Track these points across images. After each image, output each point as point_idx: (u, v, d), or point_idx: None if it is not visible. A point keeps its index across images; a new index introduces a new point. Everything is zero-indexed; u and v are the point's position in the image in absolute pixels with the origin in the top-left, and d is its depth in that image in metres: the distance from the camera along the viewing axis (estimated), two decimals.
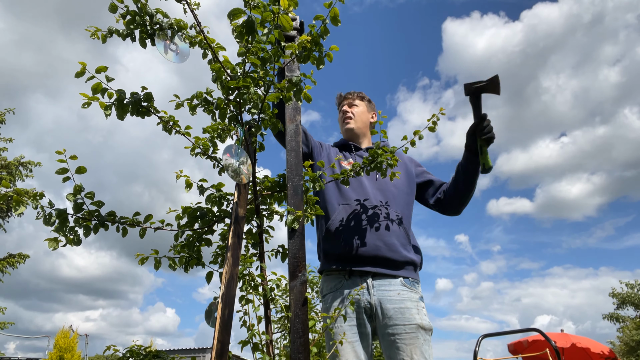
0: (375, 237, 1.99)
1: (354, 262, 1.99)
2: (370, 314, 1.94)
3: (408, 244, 2.04)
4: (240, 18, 1.79)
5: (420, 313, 1.88)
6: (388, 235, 2.00)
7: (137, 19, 1.84)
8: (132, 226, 2.12)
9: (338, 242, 2.04)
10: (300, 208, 2.26)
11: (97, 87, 1.85)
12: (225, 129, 2.30)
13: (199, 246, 2.37)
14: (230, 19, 1.81)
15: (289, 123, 2.34)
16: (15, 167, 11.90)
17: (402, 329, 1.84)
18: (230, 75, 1.99)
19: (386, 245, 1.98)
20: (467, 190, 2.15)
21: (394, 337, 1.85)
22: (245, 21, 1.76)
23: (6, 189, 1.57)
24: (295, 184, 2.46)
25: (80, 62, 1.74)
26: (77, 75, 1.76)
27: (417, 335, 1.82)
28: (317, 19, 1.81)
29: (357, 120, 2.35)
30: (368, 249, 1.97)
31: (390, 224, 2.04)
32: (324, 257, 2.16)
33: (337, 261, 2.05)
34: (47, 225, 1.79)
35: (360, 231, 2.01)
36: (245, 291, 2.47)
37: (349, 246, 1.99)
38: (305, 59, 1.87)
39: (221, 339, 1.94)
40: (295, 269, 2.49)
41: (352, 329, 1.93)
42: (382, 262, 1.97)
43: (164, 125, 2.20)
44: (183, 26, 1.97)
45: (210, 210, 2.40)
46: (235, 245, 2.05)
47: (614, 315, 15.69)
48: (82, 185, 1.86)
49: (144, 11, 1.85)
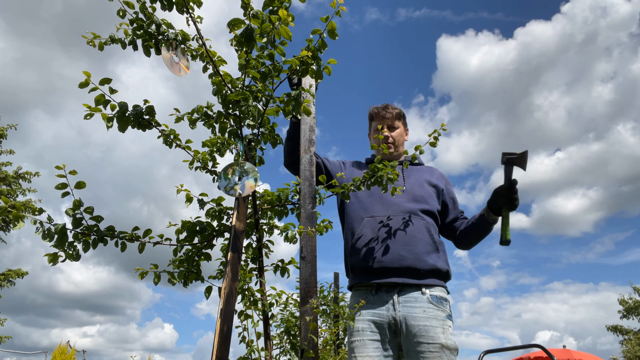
0: (400, 247, 1.97)
1: (379, 274, 1.97)
2: (394, 329, 1.91)
3: (434, 251, 2.00)
4: (240, 29, 1.81)
5: (445, 332, 1.82)
6: (414, 245, 1.97)
7: (145, 26, 1.85)
8: (131, 241, 2.11)
9: (363, 255, 2.02)
10: (313, 235, 2.26)
11: (100, 99, 1.85)
12: (225, 143, 2.31)
13: (198, 261, 2.35)
14: (229, 29, 1.82)
15: (304, 154, 2.35)
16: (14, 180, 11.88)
17: (426, 348, 1.80)
18: (230, 88, 2.00)
19: (412, 255, 1.95)
20: (476, 241, 2.21)
21: (418, 355, 1.82)
22: (245, 30, 1.77)
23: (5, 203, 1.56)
24: (308, 212, 2.46)
25: (84, 72, 1.74)
26: (80, 86, 1.76)
27: (442, 355, 1.78)
28: (314, 33, 1.83)
29: (397, 145, 2.33)
30: (393, 260, 1.95)
31: (416, 233, 2.01)
32: (351, 272, 2.14)
33: (362, 275, 2.03)
34: (45, 241, 1.78)
35: (385, 243, 1.99)
36: (245, 306, 2.45)
37: (374, 258, 1.97)
38: (304, 73, 1.88)
39: (220, 355, 1.91)
40: (306, 294, 2.48)
41: (374, 344, 1.91)
42: (407, 272, 1.94)
43: (164, 138, 2.20)
44: (187, 38, 1.98)
45: (209, 224, 2.39)
46: (234, 259, 2.04)
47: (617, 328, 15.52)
48: (82, 200, 1.85)
49: (151, 19, 1.86)
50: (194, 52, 2.04)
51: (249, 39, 1.75)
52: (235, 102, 1.96)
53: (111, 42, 1.83)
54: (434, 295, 1.92)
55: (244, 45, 1.77)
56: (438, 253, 2.00)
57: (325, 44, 1.84)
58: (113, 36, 1.84)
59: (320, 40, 1.84)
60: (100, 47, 1.82)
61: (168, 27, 1.93)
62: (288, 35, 1.84)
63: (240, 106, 1.92)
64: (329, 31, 1.82)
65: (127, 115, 1.93)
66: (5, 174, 11.78)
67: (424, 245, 1.97)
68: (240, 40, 1.79)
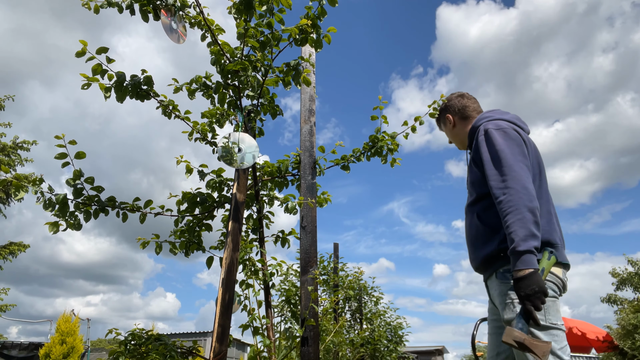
0: (468, 244, 1.95)
1: None
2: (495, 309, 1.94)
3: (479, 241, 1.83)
4: None
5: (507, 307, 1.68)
6: (469, 242, 1.91)
7: None
8: (132, 211, 2.13)
9: None
10: (314, 207, 2.27)
11: (97, 69, 1.83)
12: (224, 114, 2.29)
13: (199, 231, 2.37)
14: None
15: (304, 124, 2.34)
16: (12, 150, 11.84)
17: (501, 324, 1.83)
18: (229, 58, 1.98)
19: (470, 254, 1.93)
20: None
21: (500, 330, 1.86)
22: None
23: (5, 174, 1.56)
24: (308, 183, 2.47)
25: (81, 40, 1.71)
26: (77, 55, 1.74)
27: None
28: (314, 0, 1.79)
29: (454, 141, 2.24)
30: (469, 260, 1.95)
31: (470, 228, 1.91)
32: None
33: None
34: (47, 210, 1.79)
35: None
36: (246, 276, 2.49)
37: None
38: (304, 42, 1.85)
39: (222, 322, 1.95)
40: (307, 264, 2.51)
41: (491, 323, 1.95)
42: (478, 271, 1.93)
43: (163, 109, 2.19)
44: (185, 4, 1.94)
45: (210, 195, 2.40)
46: (235, 230, 2.06)
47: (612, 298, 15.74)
48: (82, 171, 1.85)
49: None
50: (192, 20, 2.00)
51: (249, 7, 1.71)
52: (234, 72, 1.93)
53: (107, 5, 1.78)
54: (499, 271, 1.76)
55: (243, 13, 1.74)
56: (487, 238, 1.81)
57: (324, 11, 1.81)
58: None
59: (320, 8, 1.80)
60: (95, 10, 1.77)
61: None
62: (288, 3, 1.80)
63: (239, 76, 1.90)
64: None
65: (125, 85, 1.90)
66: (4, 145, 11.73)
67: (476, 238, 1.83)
68: (239, 7, 1.75)
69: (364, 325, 6.81)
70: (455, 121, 2.14)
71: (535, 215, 1.54)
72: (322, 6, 1.80)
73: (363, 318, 6.87)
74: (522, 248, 1.49)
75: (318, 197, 2.54)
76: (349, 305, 7.07)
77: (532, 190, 1.58)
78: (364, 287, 7.06)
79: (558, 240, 1.70)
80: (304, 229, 2.29)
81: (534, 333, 1.53)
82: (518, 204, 1.55)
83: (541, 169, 1.81)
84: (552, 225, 1.70)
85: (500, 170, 1.65)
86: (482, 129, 1.81)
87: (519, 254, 1.50)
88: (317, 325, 2.35)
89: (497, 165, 1.67)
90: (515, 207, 1.55)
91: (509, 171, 1.62)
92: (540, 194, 1.73)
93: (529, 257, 1.49)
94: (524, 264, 1.49)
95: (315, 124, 2.33)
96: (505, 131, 1.74)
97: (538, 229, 1.53)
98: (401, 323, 7.05)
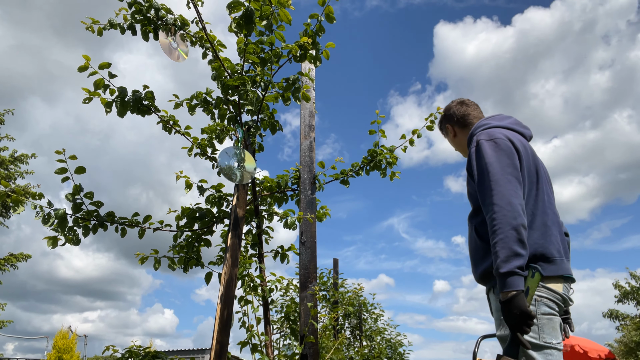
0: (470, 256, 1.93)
1: None
2: None
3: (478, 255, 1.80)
4: (239, 11, 1.79)
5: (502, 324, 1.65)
6: (470, 255, 1.86)
7: (143, 11, 1.84)
8: (131, 226, 2.12)
9: None
10: (313, 222, 2.27)
11: (100, 83, 1.84)
12: (224, 129, 2.30)
13: (198, 247, 2.36)
14: (229, 11, 1.81)
15: (304, 139, 2.35)
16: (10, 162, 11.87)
17: None
18: (229, 74, 1.99)
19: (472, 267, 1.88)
20: None
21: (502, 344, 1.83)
22: (244, 12, 1.76)
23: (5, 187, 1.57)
24: (308, 198, 2.47)
25: (84, 55, 1.73)
26: (80, 69, 1.75)
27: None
28: (312, 17, 1.81)
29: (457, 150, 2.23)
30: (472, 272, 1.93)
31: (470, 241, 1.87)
32: None
33: None
34: (45, 225, 1.79)
35: None
36: (245, 292, 2.47)
37: None
38: (303, 58, 1.88)
39: (220, 339, 1.93)
40: (306, 280, 2.50)
41: None
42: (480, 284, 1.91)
43: (164, 124, 2.20)
44: (186, 23, 1.97)
45: (209, 211, 2.39)
46: (235, 246, 2.05)
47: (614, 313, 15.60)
48: (81, 186, 1.85)
49: (150, 3, 1.85)
50: (194, 38, 2.03)
51: (249, 21, 1.73)
52: (234, 87, 1.95)
53: (110, 27, 1.82)
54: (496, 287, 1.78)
55: (243, 28, 1.76)
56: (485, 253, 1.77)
57: (323, 28, 1.83)
58: (112, 21, 1.83)
59: (318, 25, 1.83)
60: (99, 33, 1.81)
61: (167, 12, 1.92)
62: (288, 18, 1.83)
63: (239, 91, 1.91)
64: (326, 15, 1.81)
65: (127, 100, 1.92)
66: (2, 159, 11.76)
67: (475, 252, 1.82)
68: (240, 22, 1.77)
69: (364, 342, 6.74)
70: (456, 131, 2.12)
71: (520, 233, 1.50)
72: (320, 23, 1.83)
73: (363, 335, 6.80)
74: (503, 270, 1.47)
75: (317, 212, 2.54)
76: (348, 322, 7.01)
77: (518, 205, 1.54)
78: (363, 303, 7.00)
79: (555, 253, 1.65)
80: (303, 244, 2.28)
81: (528, 354, 1.51)
82: (501, 222, 1.51)
83: (539, 177, 1.77)
84: (547, 238, 1.66)
85: (488, 185, 1.62)
86: (474, 140, 1.79)
87: (501, 277, 1.48)
88: (316, 342, 2.33)
89: (485, 180, 1.65)
90: (498, 225, 1.52)
91: (495, 186, 1.59)
92: (535, 205, 1.70)
93: (511, 279, 1.46)
94: (506, 286, 1.46)
95: (315, 139, 2.34)
96: (496, 142, 1.71)
97: (523, 246, 1.49)
98: (401, 340, 6.98)
